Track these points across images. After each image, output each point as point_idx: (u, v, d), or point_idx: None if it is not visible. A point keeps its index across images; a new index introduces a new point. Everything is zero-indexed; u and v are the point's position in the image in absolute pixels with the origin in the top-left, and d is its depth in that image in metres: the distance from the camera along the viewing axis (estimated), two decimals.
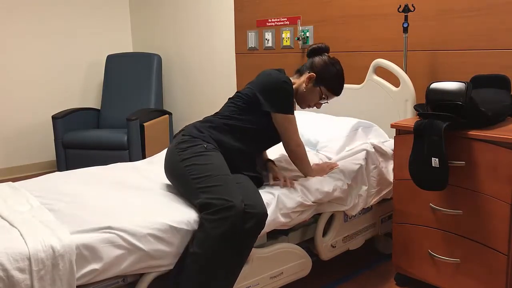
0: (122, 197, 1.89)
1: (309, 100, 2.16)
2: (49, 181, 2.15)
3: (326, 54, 2.18)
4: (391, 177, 2.40)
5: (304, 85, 2.14)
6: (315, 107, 2.20)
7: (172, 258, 1.68)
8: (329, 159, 2.39)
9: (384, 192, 2.43)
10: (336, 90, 2.17)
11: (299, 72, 2.20)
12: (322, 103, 2.18)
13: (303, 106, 2.20)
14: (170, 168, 1.99)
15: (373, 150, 2.41)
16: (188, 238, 1.71)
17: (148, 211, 1.76)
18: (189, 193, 1.85)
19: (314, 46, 2.17)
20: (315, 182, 2.11)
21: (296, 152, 2.13)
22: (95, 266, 1.50)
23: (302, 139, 2.62)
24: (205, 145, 1.96)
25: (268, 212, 1.89)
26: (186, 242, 1.71)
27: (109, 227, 1.58)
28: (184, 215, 1.75)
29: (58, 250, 1.43)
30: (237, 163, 2.01)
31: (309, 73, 2.13)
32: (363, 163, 2.33)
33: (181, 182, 1.91)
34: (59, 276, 1.43)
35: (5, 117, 4.38)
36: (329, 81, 2.13)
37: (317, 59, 2.15)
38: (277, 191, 2.00)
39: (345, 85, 2.93)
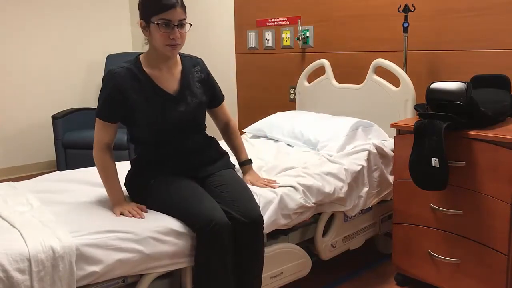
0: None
1: (160, 42, 1.75)
2: (49, 181, 2.15)
3: None
4: (391, 179, 2.40)
5: (148, 39, 1.81)
6: (175, 42, 1.76)
7: (174, 259, 1.67)
8: (330, 156, 2.38)
9: (384, 194, 2.43)
10: (159, 6, 1.72)
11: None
12: (172, 32, 1.74)
13: (164, 51, 1.78)
14: None
15: (375, 151, 2.41)
16: (190, 240, 1.69)
17: (149, 213, 1.75)
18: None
19: None
20: (316, 182, 2.10)
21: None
22: (95, 268, 1.49)
23: (303, 138, 2.64)
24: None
25: (269, 212, 1.89)
26: (188, 244, 1.69)
27: (110, 230, 1.57)
28: None
29: (58, 251, 1.42)
30: (192, 162, 1.90)
31: (140, 25, 1.80)
32: (365, 164, 2.32)
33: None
34: (59, 277, 1.42)
35: (5, 117, 4.37)
36: (149, 8, 1.74)
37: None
38: (280, 189, 1.99)
39: (345, 85, 2.96)
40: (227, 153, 2.07)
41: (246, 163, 2.11)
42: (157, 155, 1.88)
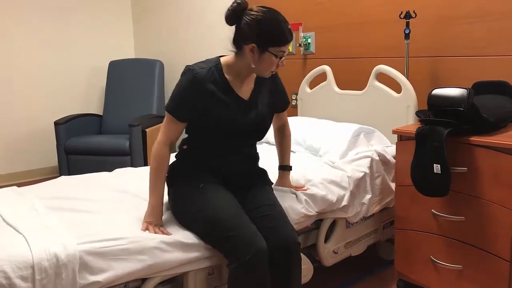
0: (129, 206, 1.88)
1: (267, 68, 1.81)
2: (55, 186, 2.15)
3: (247, 11, 1.77)
4: (393, 185, 2.40)
5: (251, 60, 1.79)
6: (277, 68, 1.86)
7: (178, 267, 1.67)
8: (333, 163, 2.39)
9: (386, 201, 2.43)
10: (283, 40, 1.77)
11: (236, 47, 1.84)
12: (283, 59, 1.82)
13: (265, 75, 1.86)
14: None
15: (378, 158, 2.41)
16: (196, 250, 1.68)
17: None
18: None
19: (228, 11, 1.80)
20: (319, 192, 2.10)
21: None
22: (98, 278, 1.49)
23: (305, 145, 2.64)
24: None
25: None
26: (194, 254, 1.69)
27: (115, 238, 1.56)
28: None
29: (62, 260, 1.42)
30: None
31: (247, 45, 1.77)
32: (367, 171, 2.32)
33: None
34: (62, 286, 1.42)
35: (8, 122, 4.39)
36: (271, 39, 1.76)
37: (243, 25, 1.76)
38: (283, 202, 1.97)
39: (347, 91, 2.97)
40: (266, 171, 2.06)
41: (285, 168, 2.15)
42: (209, 160, 1.87)
